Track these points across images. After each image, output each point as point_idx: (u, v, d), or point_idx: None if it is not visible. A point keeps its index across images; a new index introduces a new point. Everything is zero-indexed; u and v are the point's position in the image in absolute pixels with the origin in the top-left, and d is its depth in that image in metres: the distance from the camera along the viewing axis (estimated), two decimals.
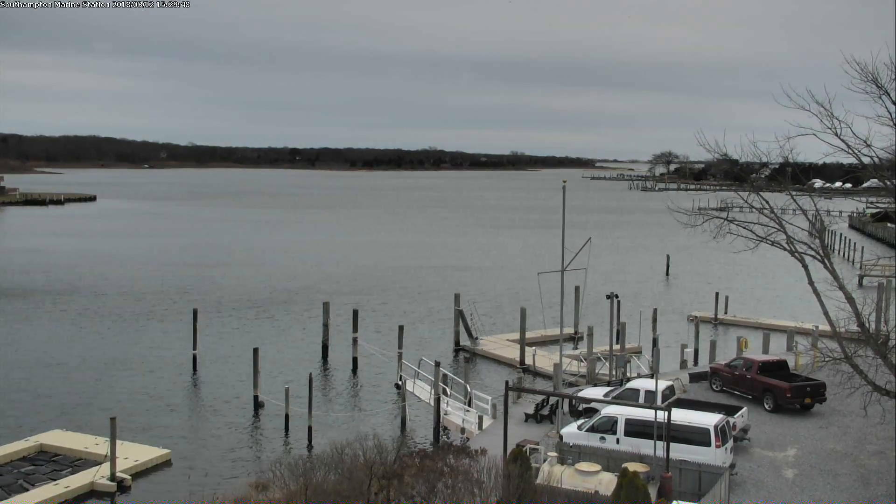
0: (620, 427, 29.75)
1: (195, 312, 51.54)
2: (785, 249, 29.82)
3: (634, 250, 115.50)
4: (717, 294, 66.03)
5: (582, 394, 36.60)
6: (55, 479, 32.14)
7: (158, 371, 49.53)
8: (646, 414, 29.05)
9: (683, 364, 47.10)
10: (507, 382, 31.44)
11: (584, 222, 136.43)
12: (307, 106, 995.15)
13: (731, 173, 41.84)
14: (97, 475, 32.22)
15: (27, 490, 31.24)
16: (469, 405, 38.32)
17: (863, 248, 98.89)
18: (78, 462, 34.11)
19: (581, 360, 47.27)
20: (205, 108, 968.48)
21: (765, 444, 32.88)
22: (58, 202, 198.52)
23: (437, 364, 38.98)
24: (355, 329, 52.29)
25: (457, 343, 56.18)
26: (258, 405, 42.34)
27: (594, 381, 43.53)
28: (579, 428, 30.84)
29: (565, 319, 42.76)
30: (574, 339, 56.86)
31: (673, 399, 34.05)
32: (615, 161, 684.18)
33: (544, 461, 27.55)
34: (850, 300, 28.36)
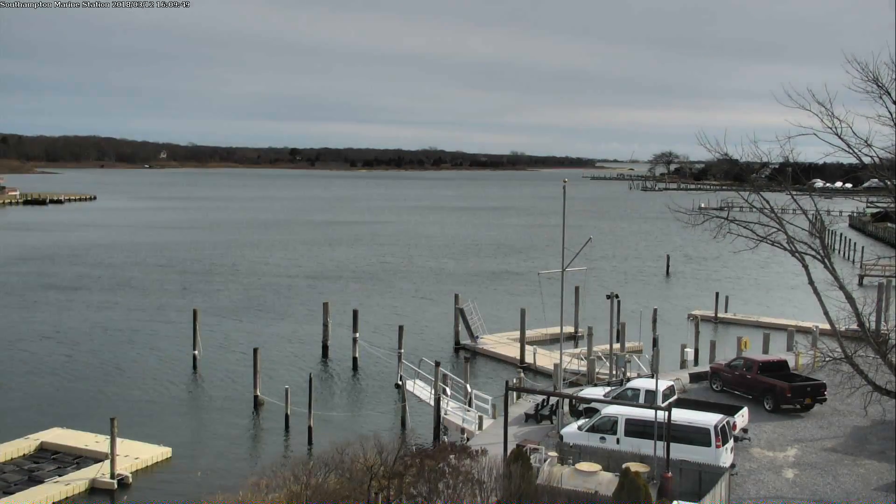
0: (621, 427, 29.73)
1: (195, 312, 51.52)
2: (785, 249, 29.83)
3: (635, 250, 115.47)
4: (717, 294, 66.08)
5: (582, 394, 36.59)
6: (56, 477, 32.12)
7: (159, 370, 49.54)
8: (646, 414, 29.03)
9: (683, 364, 47.09)
10: (507, 382, 31.43)
11: (586, 225, 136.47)
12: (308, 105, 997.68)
13: (732, 173, 41.90)
14: (98, 473, 32.26)
15: (28, 488, 31.21)
16: (469, 405, 38.32)
17: (863, 247, 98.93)
18: (78, 460, 34.12)
19: (581, 359, 47.30)
20: (205, 108, 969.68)
21: (765, 444, 32.88)
22: (58, 202, 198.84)
23: (437, 364, 38.96)
24: (355, 329, 52.28)
25: (457, 342, 56.20)
26: (258, 405, 42.37)
27: (594, 380, 43.53)
28: (579, 428, 30.83)
29: (565, 319, 42.74)
30: (574, 337, 56.89)
31: (673, 399, 34.05)
32: (615, 161, 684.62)
33: (544, 461, 27.53)
34: (851, 300, 28.38)
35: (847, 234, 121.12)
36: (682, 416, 28.57)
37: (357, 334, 52.22)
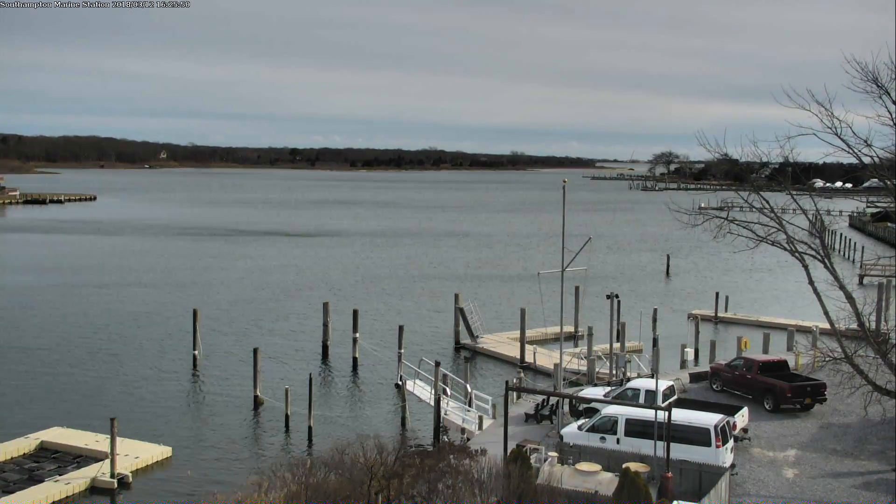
0: (621, 427, 29.73)
1: (195, 312, 51.52)
2: (785, 249, 29.87)
3: (635, 250, 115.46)
4: (717, 294, 66.06)
5: (582, 394, 36.59)
6: (56, 477, 32.12)
7: (159, 370, 49.51)
8: (646, 414, 29.04)
9: (683, 364, 47.09)
10: (507, 382, 31.43)
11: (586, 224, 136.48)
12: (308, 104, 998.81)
13: (732, 173, 41.95)
14: (98, 472, 32.25)
15: (28, 487, 31.20)
16: (469, 405, 38.32)
17: (863, 247, 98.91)
18: (79, 460, 34.12)
19: (581, 359, 47.31)
20: (205, 108, 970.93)
21: (765, 444, 32.88)
22: (58, 202, 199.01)
23: (437, 364, 38.97)
24: (355, 329, 52.27)
25: (457, 342, 56.20)
26: (258, 405, 42.36)
27: (594, 380, 43.54)
28: (579, 428, 30.83)
29: (565, 319, 42.76)
30: (574, 337, 56.87)
31: (673, 399, 34.04)
32: (615, 161, 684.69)
33: (544, 461, 27.54)
34: (851, 300, 28.41)
35: (847, 234, 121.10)
36: (682, 416, 28.57)
37: (357, 334, 52.23)
